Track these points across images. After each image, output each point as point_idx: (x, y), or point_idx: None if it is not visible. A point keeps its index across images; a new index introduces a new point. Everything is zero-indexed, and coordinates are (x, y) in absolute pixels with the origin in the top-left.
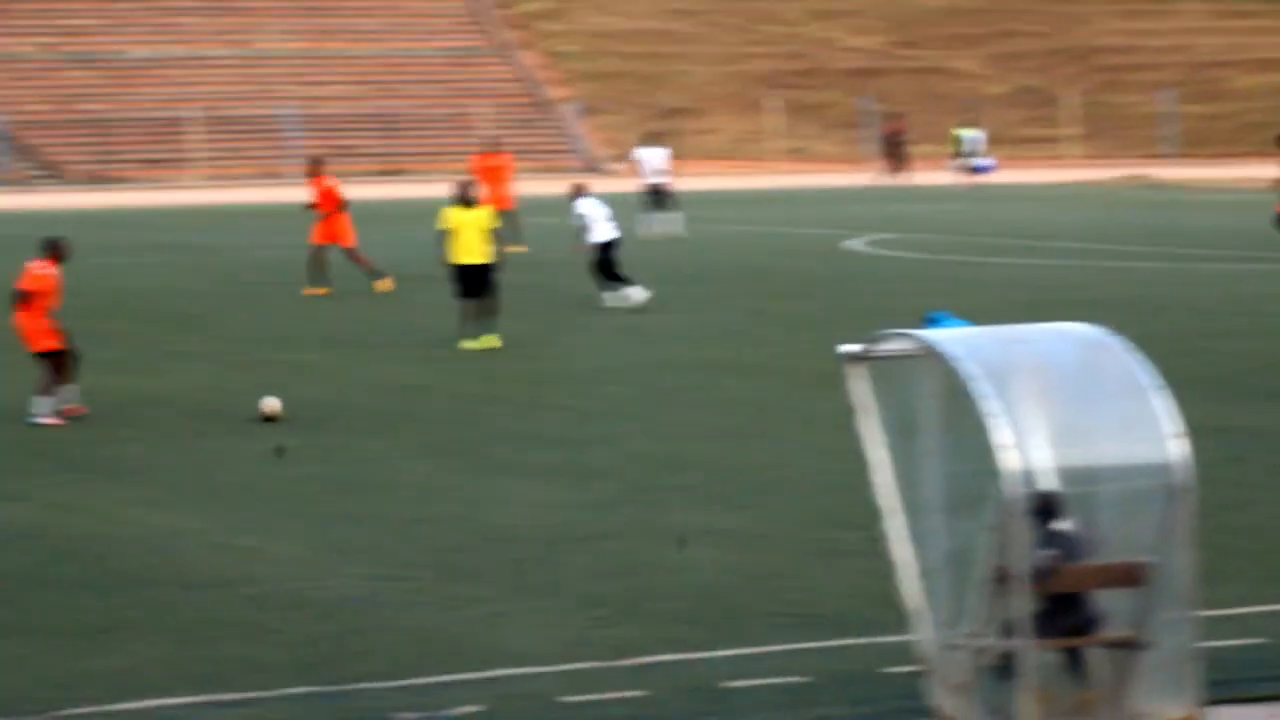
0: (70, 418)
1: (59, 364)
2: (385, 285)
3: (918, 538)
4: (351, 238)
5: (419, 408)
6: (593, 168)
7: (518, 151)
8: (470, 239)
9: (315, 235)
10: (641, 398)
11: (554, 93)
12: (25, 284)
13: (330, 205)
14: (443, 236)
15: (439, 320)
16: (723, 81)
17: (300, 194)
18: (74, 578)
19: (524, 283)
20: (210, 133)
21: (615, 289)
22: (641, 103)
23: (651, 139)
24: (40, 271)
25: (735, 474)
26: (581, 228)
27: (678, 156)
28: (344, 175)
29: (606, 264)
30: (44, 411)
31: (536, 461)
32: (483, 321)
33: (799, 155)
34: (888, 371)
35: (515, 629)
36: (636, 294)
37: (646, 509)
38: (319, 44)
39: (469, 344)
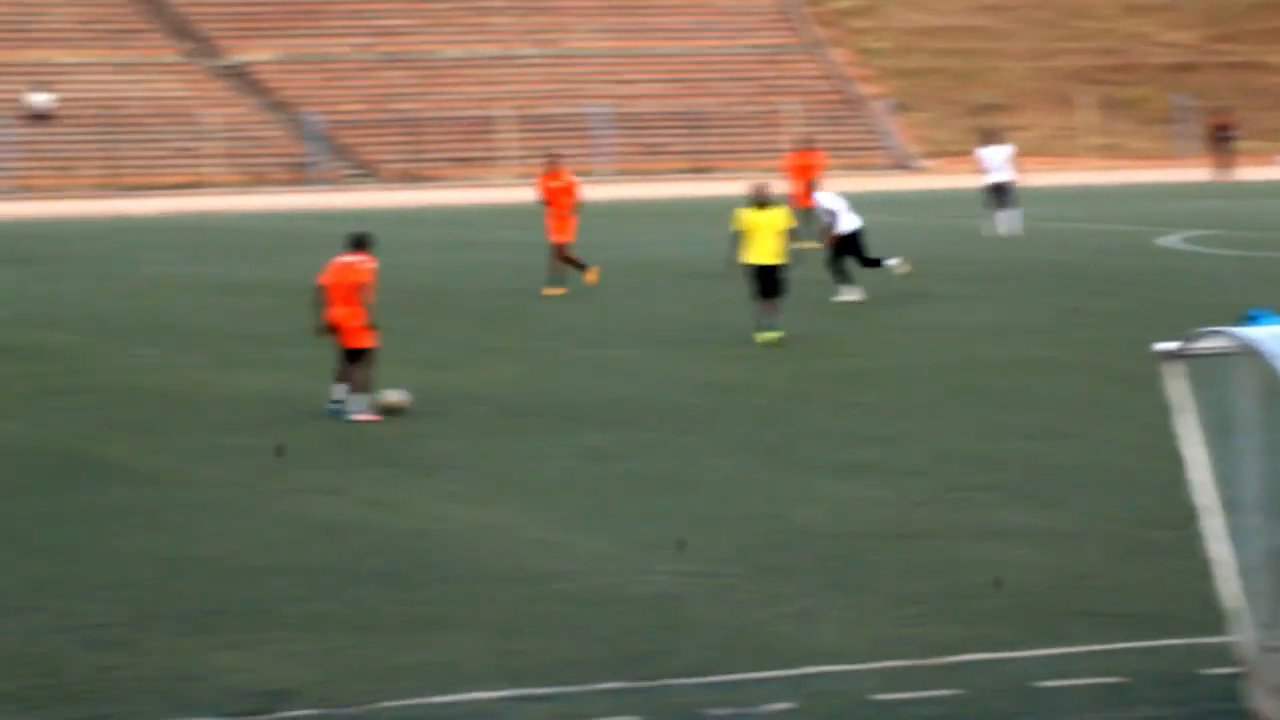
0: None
1: (365, 360)
2: (592, 277)
3: (1236, 536)
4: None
5: (729, 405)
6: (903, 165)
7: (827, 149)
8: (763, 240)
9: (553, 233)
10: (952, 396)
11: (864, 90)
12: (348, 277)
13: (566, 203)
14: (736, 237)
15: (744, 317)
16: (1034, 77)
17: (610, 192)
18: (390, 572)
19: (825, 279)
20: (521, 131)
21: (874, 267)
22: (952, 99)
23: (990, 137)
24: (362, 265)
25: (1047, 472)
26: (830, 221)
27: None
28: (652, 174)
29: (857, 250)
30: (361, 408)
31: (847, 459)
32: (768, 318)
33: (1112, 151)
34: (1206, 369)
35: (826, 626)
36: (897, 264)
37: (958, 507)
38: (629, 43)
39: (758, 337)
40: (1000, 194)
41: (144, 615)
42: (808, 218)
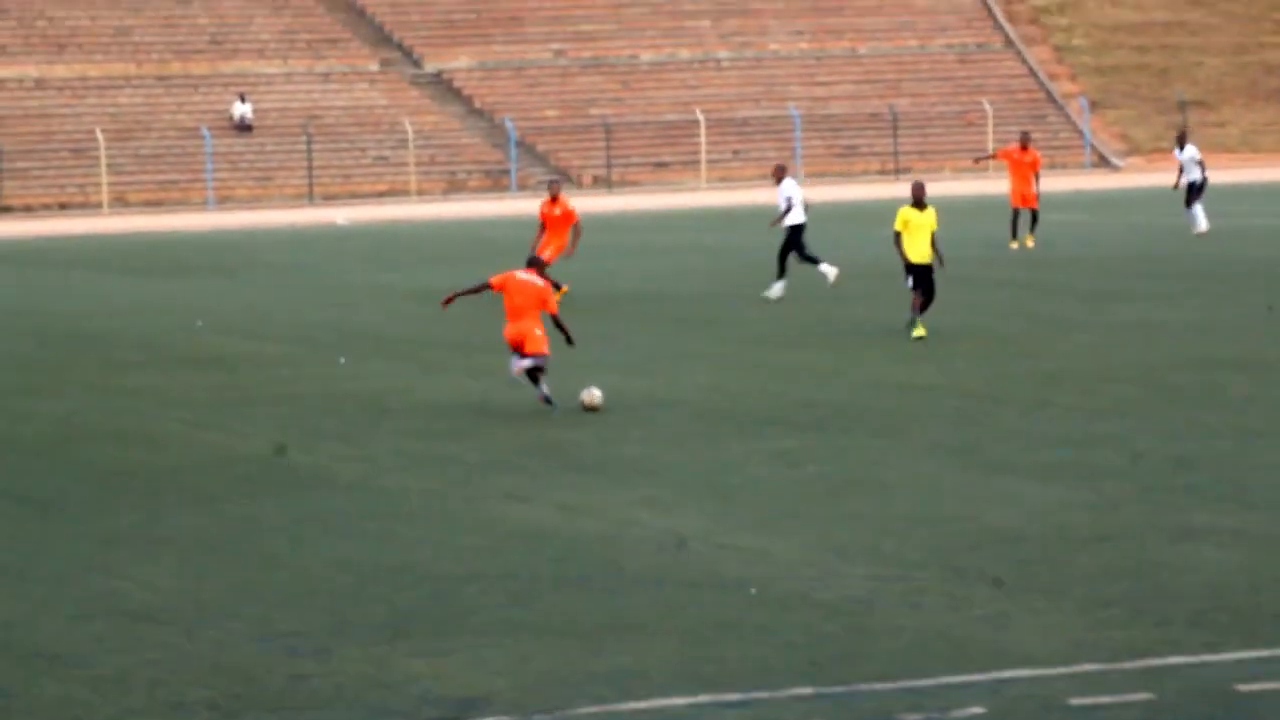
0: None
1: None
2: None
3: None
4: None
5: (923, 407)
6: (1103, 163)
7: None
8: (919, 239)
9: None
10: (1149, 396)
11: (1063, 87)
12: (531, 293)
13: (563, 229)
14: (897, 236)
15: (939, 319)
16: (1235, 72)
17: (807, 194)
18: (581, 577)
19: (1027, 279)
20: (717, 135)
21: (810, 265)
22: (1152, 96)
23: (1181, 138)
24: (543, 286)
25: (1247, 473)
26: (787, 208)
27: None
28: (848, 175)
29: (798, 246)
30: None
31: (1042, 460)
32: (915, 313)
33: None
34: None
35: (1020, 630)
36: (830, 271)
37: (1154, 509)
38: (825, 44)
39: (913, 333)
40: (1191, 193)
41: (339, 624)
42: (1032, 218)
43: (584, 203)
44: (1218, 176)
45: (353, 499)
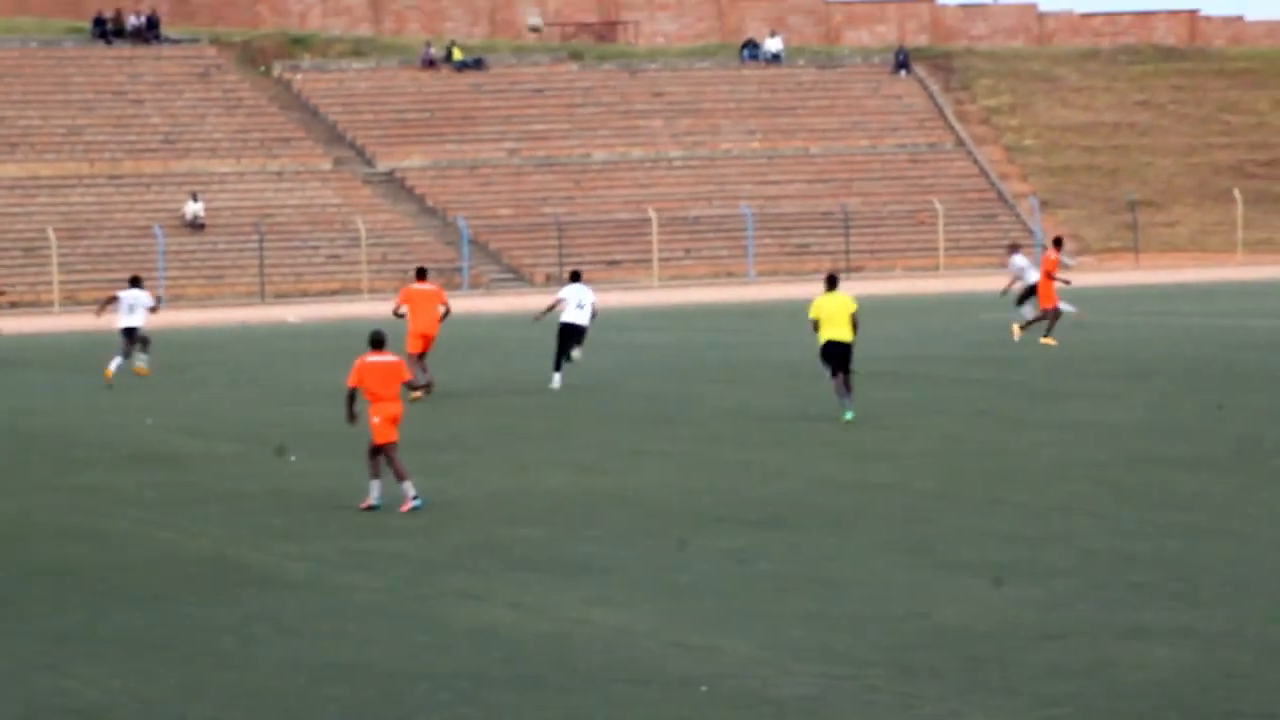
0: None
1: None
2: None
3: None
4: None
5: (876, 505)
6: None
7: (977, 247)
8: (835, 322)
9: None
10: (1099, 494)
11: (1014, 187)
12: (393, 373)
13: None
14: (814, 323)
15: (895, 415)
16: (1186, 173)
17: (758, 292)
18: (532, 676)
19: (980, 377)
20: (669, 233)
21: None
22: (1103, 196)
23: (1013, 247)
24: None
25: (1198, 571)
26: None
27: (1141, 249)
28: (800, 274)
29: (568, 343)
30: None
31: (994, 559)
32: (844, 397)
33: (1266, 246)
34: None
35: None
36: (557, 380)
37: (1105, 607)
38: (777, 144)
39: (842, 419)
40: (1026, 295)
41: None
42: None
43: (538, 300)
44: (1167, 276)
45: (303, 597)
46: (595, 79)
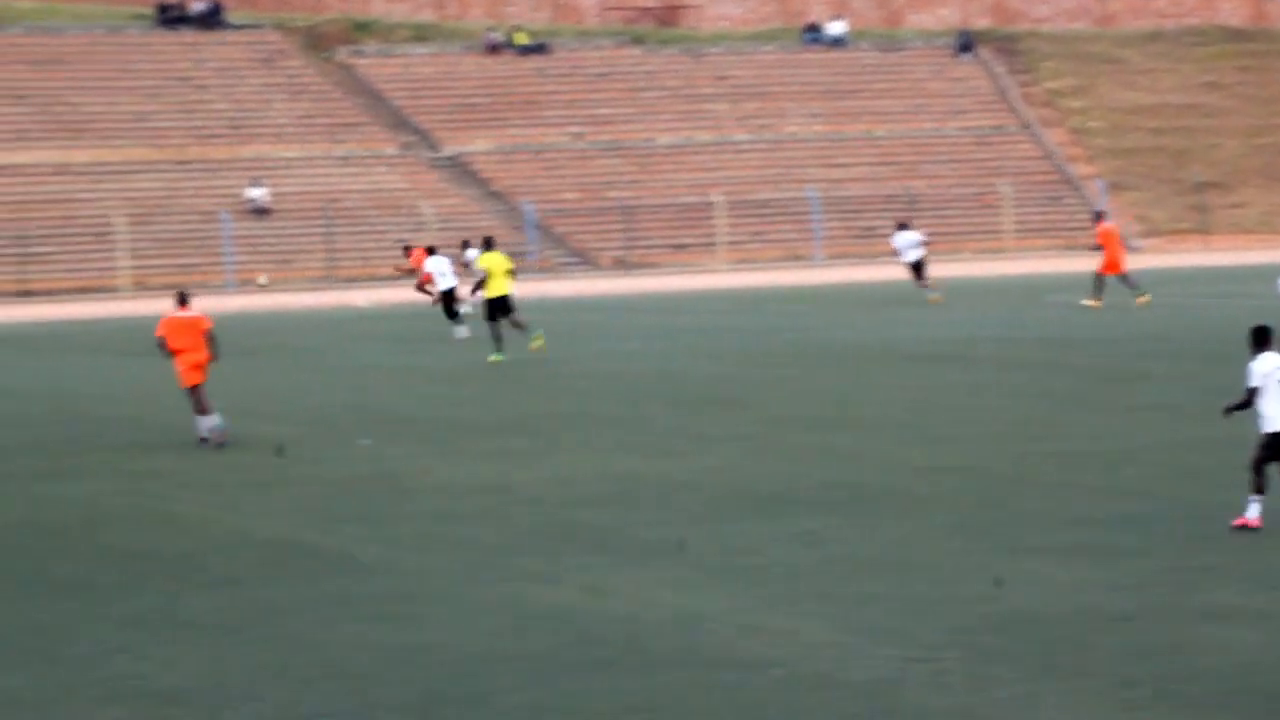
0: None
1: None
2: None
3: None
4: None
5: (943, 487)
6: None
7: (1043, 230)
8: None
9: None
10: (1171, 476)
11: (1080, 169)
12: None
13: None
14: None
15: (963, 399)
16: (1253, 154)
17: (824, 275)
18: (606, 659)
19: (1046, 360)
20: (735, 216)
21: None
22: (1169, 178)
23: (903, 225)
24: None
25: (1271, 553)
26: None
27: (1209, 231)
28: (866, 257)
29: (451, 303)
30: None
31: (1067, 541)
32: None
33: None
34: None
35: (1046, 711)
36: (462, 331)
37: (1179, 589)
38: (842, 127)
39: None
40: (918, 269)
41: (363, 705)
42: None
43: (603, 284)
44: (1237, 258)
45: (375, 581)
46: (659, 63)
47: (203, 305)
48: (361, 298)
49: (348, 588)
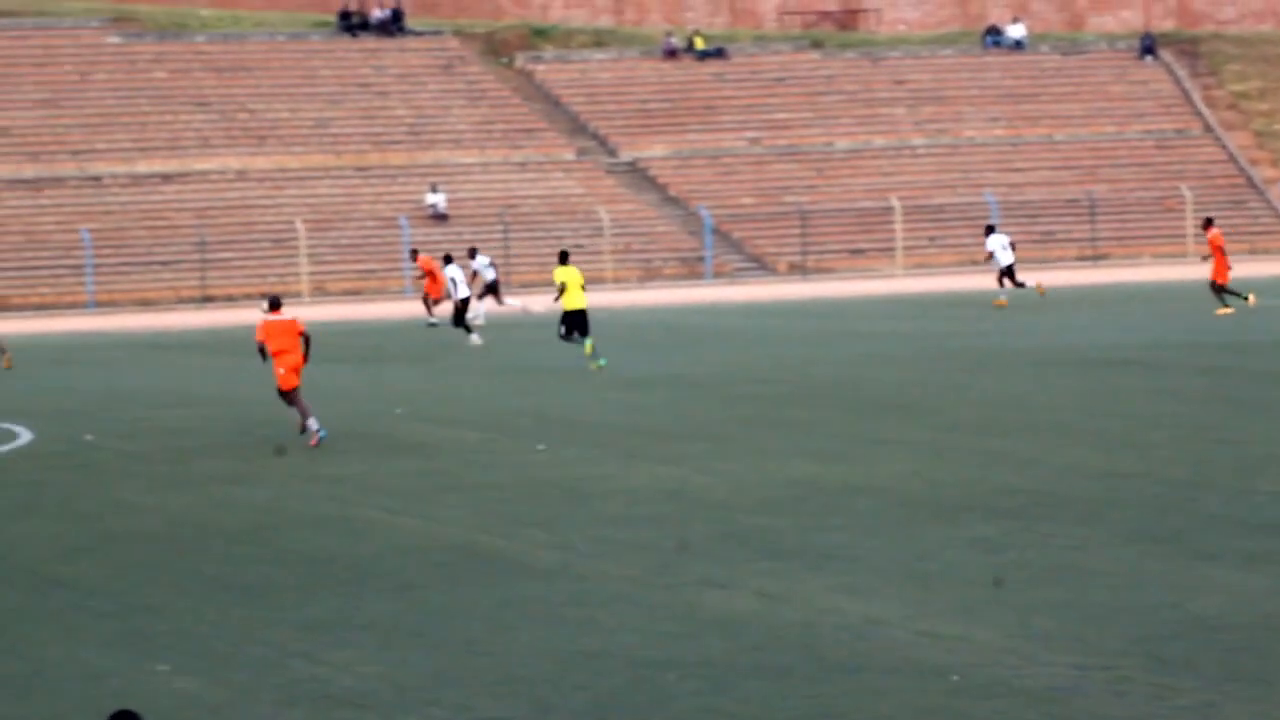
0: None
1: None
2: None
3: None
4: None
5: (1122, 493)
6: None
7: (1226, 234)
8: (576, 290)
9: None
10: None
11: (1264, 173)
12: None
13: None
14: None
15: (1142, 406)
16: None
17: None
18: (781, 665)
19: (1227, 365)
20: (912, 221)
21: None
22: None
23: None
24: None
25: None
26: (451, 289)
27: None
28: (1045, 261)
29: (462, 314)
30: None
31: (1246, 548)
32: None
33: None
34: None
35: None
36: (476, 339)
37: None
38: (1021, 130)
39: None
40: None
41: (540, 710)
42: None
43: (780, 290)
44: None
45: (552, 585)
46: (837, 67)
47: (380, 311)
48: (536, 302)
49: (524, 592)
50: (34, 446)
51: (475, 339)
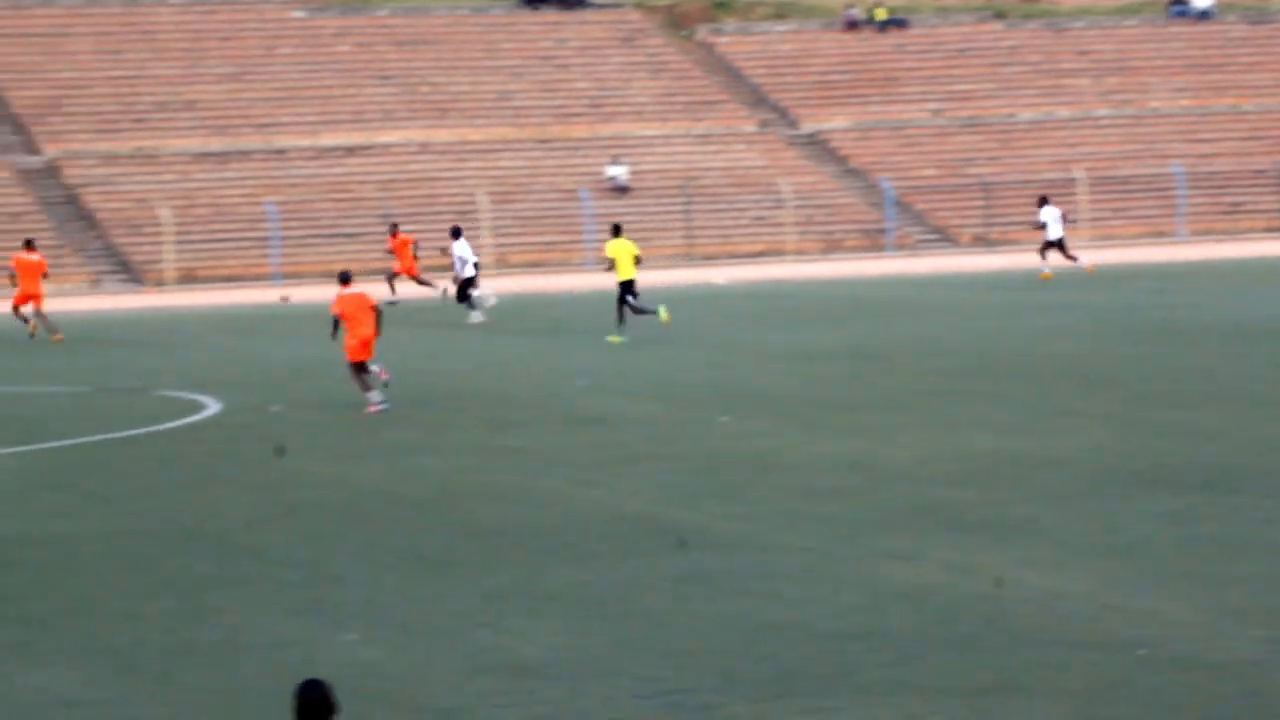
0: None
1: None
2: None
3: None
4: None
5: None
6: None
7: None
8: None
9: None
10: None
11: None
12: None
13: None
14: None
15: None
16: None
17: (1190, 252)
18: (966, 637)
19: None
20: (1097, 193)
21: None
22: None
23: (1043, 199)
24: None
25: None
26: (459, 267)
27: None
28: (1233, 233)
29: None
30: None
31: None
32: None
33: None
34: None
35: None
36: (477, 315)
37: None
38: (1208, 101)
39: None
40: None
41: (724, 681)
42: None
43: (962, 261)
44: None
45: (735, 557)
46: (1020, 38)
47: (561, 283)
48: (720, 275)
49: (707, 564)
50: (222, 417)
51: (476, 315)
